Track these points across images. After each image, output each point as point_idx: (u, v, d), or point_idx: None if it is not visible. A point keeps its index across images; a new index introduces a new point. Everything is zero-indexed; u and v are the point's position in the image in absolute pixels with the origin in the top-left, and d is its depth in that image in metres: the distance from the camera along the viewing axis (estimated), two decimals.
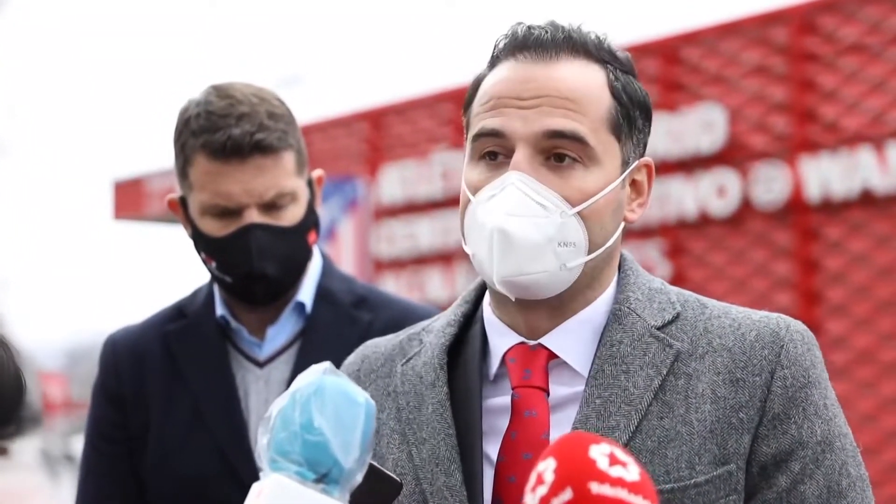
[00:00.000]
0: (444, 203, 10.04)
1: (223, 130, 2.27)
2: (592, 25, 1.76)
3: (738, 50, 8.38)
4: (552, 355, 1.69)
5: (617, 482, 1.29)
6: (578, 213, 1.64)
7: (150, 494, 2.41)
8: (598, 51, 1.71)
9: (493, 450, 1.67)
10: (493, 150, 1.67)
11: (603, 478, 1.29)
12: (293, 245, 2.34)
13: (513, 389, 1.69)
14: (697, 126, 8.45)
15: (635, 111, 1.71)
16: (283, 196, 2.31)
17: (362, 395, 1.50)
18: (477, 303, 1.80)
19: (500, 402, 1.70)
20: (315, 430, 1.45)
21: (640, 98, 1.72)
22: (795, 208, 8.01)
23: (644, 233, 8.66)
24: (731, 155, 8.33)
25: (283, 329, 2.40)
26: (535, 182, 1.63)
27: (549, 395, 1.68)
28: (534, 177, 1.63)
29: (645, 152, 1.75)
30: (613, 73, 1.70)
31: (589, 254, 1.66)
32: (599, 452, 1.31)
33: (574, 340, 1.69)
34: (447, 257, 10.08)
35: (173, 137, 2.37)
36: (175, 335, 2.45)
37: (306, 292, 2.42)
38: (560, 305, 1.69)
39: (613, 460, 1.30)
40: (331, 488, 1.45)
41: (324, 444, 1.45)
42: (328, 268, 2.48)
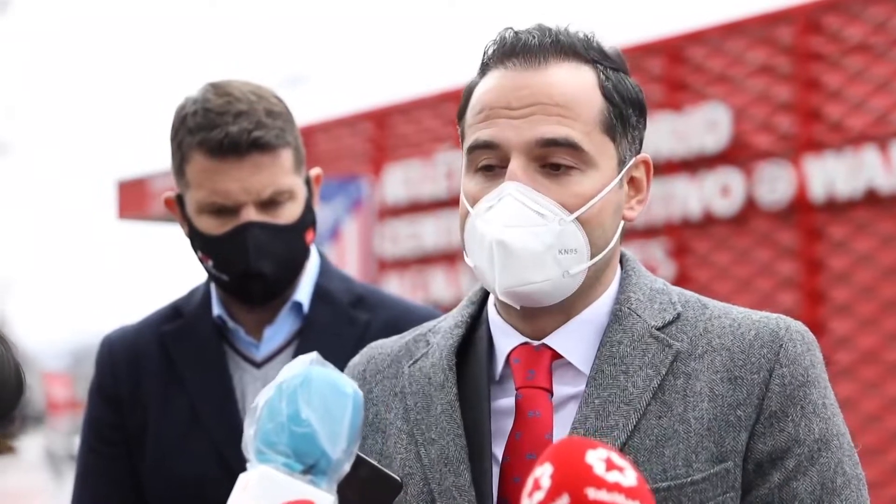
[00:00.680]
0: (448, 203, 10.03)
1: (220, 128, 2.26)
2: (594, 25, 1.75)
3: (743, 49, 8.36)
4: (556, 355, 1.70)
5: (613, 487, 1.29)
6: (577, 218, 1.64)
7: (147, 496, 2.40)
8: (587, 51, 1.69)
9: (498, 450, 1.67)
10: (489, 162, 1.67)
11: (599, 483, 1.29)
12: (291, 243, 2.33)
13: (517, 390, 1.69)
14: (702, 125, 8.44)
15: (628, 109, 1.70)
16: (280, 194, 2.30)
17: (350, 385, 1.49)
18: (482, 304, 1.81)
19: (505, 403, 1.70)
20: (302, 421, 1.44)
21: (632, 95, 1.71)
22: (800, 208, 8.00)
23: (648, 232, 8.65)
24: (736, 154, 8.32)
25: (280, 329, 2.39)
26: (531, 191, 1.63)
27: (552, 396, 1.68)
28: (530, 185, 1.63)
29: (641, 148, 1.74)
30: (604, 73, 1.69)
31: (592, 258, 1.66)
32: (596, 457, 1.31)
33: (577, 340, 1.70)
34: (451, 257, 10.07)
35: (170, 135, 2.36)
36: (171, 335, 2.44)
37: (304, 292, 2.41)
38: (564, 308, 1.69)
39: (610, 465, 1.30)
40: (318, 479, 1.44)
41: (311, 435, 1.44)
42: (326, 267, 2.47)
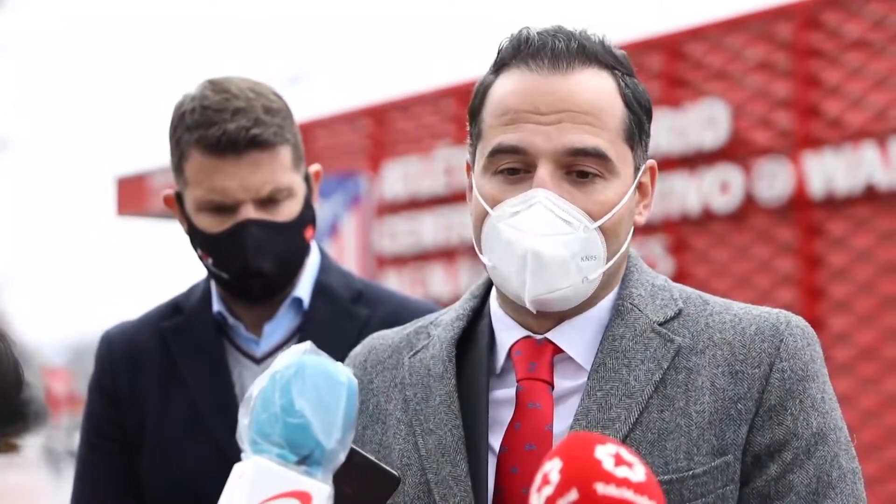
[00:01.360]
0: (447, 199, 10.03)
1: (218, 125, 2.25)
2: (596, 21, 1.74)
3: (742, 46, 8.37)
4: (557, 350, 1.71)
5: (623, 483, 1.29)
6: (599, 226, 1.65)
7: (146, 492, 2.39)
8: (606, 56, 1.69)
9: (497, 441, 1.68)
10: (513, 165, 1.66)
11: (608, 478, 1.29)
12: (290, 241, 2.32)
13: (518, 382, 1.70)
14: (701, 122, 8.44)
15: (643, 115, 1.71)
16: (279, 191, 2.29)
17: (344, 374, 1.49)
18: (485, 297, 1.82)
19: (505, 394, 1.71)
20: (296, 412, 1.44)
21: (645, 101, 1.72)
22: (799, 204, 8.00)
23: (647, 229, 8.66)
24: (735, 151, 8.33)
25: (280, 325, 2.38)
26: (559, 199, 1.63)
27: (553, 389, 1.69)
28: (557, 193, 1.64)
29: (647, 154, 1.75)
30: (622, 80, 1.69)
31: (606, 263, 1.67)
32: (605, 453, 1.31)
33: (579, 335, 1.71)
34: (450, 253, 10.07)
35: (169, 132, 2.35)
36: (171, 332, 2.43)
37: (304, 288, 2.41)
38: (571, 308, 1.71)
39: (619, 461, 1.31)
40: (314, 470, 1.44)
41: (305, 426, 1.44)
42: (325, 263, 2.47)
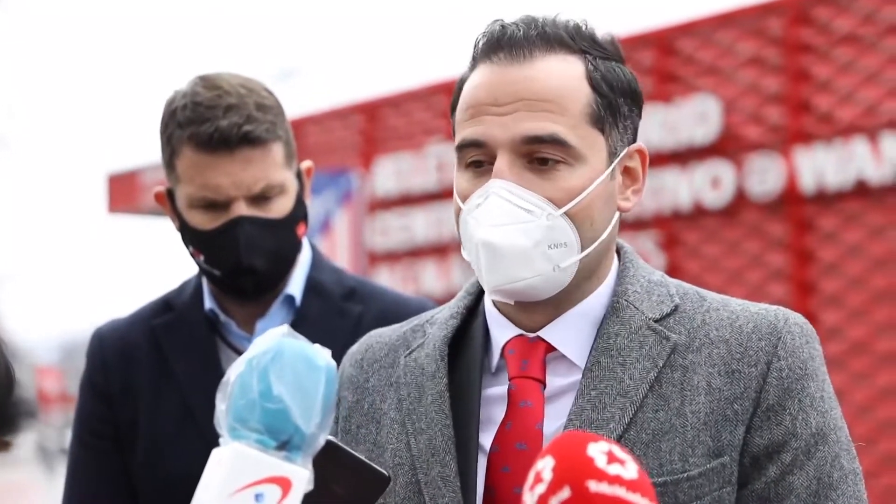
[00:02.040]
0: (438, 195, 10.03)
1: (210, 122, 2.24)
2: (588, 17, 1.73)
3: (733, 41, 8.37)
4: (551, 347, 1.69)
5: (615, 480, 1.28)
6: (566, 213, 1.63)
7: (138, 489, 2.38)
8: (577, 40, 1.67)
9: (488, 440, 1.67)
10: (477, 159, 1.66)
11: (601, 476, 1.28)
12: (282, 238, 2.32)
13: (510, 380, 1.69)
14: (692, 117, 8.45)
15: (619, 99, 1.68)
16: (271, 188, 2.28)
17: (323, 357, 1.48)
18: (479, 295, 1.80)
19: (497, 393, 1.70)
20: (274, 397, 1.43)
21: (623, 84, 1.69)
22: (790, 199, 8.02)
23: (638, 224, 8.66)
24: (726, 146, 8.33)
25: (272, 322, 2.37)
26: (517, 188, 1.62)
27: (545, 387, 1.68)
28: (517, 182, 1.62)
29: (636, 137, 1.73)
30: (593, 63, 1.67)
31: (582, 251, 1.65)
32: (597, 450, 1.30)
33: (572, 333, 1.69)
34: (442, 249, 10.07)
35: (160, 129, 2.34)
36: (163, 329, 2.42)
37: (296, 285, 2.40)
38: (558, 300, 1.69)
39: (611, 458, 1.30)
40: (293, 455, 1.43)
41: (283, 411, 1.43)
42: (318, 260, 2.46)
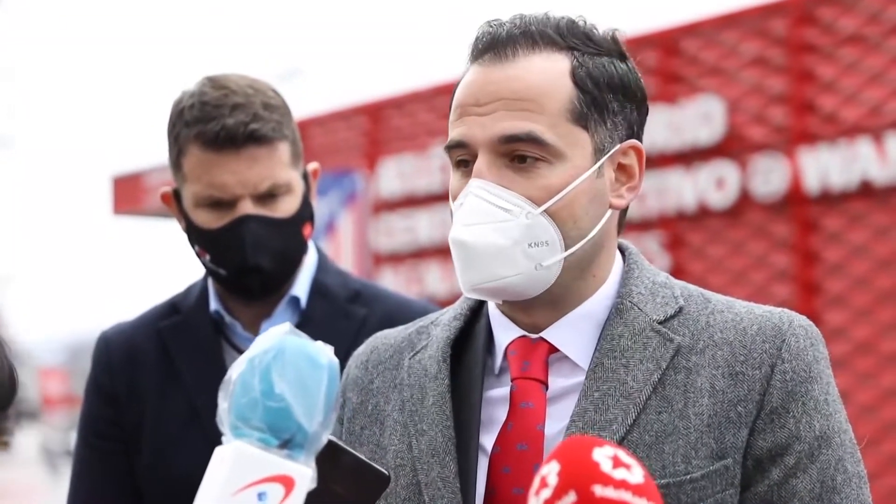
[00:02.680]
0: (442, 196, 10.02)
1: (217, 120, 2.25)
2: (592, 18, 1.72)
3: (737, 41, 8.36)
4: (553, 349, 1.69)
5: (620, 485, 1.28)
6: (546, 211, 1.62)
7: (144, 492, 2.39)
8: (565, 37, 1.67)
9: (490, 441, 1.67)
10: (464, 159, 1.68)
11: (606, 480, 1.28)
12: (288, 237, 2.32)
13: (512, 381, 1.68)
14: (696, 118, 8.44)
15: (606, 95, 1.66)
16: (277, 187, 2.29)
17: (325, 355, 1.47)
18: None
19: (499, 394, 1.69)
20: (276, 395, 1.42)
21: (612, 79, 1.67)
22: (794, 200, 8.01)
23: (643, 225, 8.66)
24: (730, 147, 8.32)
25: (277, 323, 2.36)
26: (495, 187, 1.62)
27: (547, 388, 1.67)
28: (496, 181, 1.62)
29: (633, 134, 1.70)
30: (579, 59, 1.66)
31: (567, 249, 1.64)
32: (603, 455, 1.30)
33: (575, 334, 1.69)
34: (446, 251, 10.03)
35: (167, 129, 2.35)
36: (169, 331, 2.42)
37: (301, 287, 2.40)
38: (555, 300, 1.68)
39: (617, 463, 1.30)
40: (295, 453, 1.42)
41: (286, 409, 1.42)
42: (323, 262, 2.46)
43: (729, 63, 8.39)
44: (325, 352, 1.48)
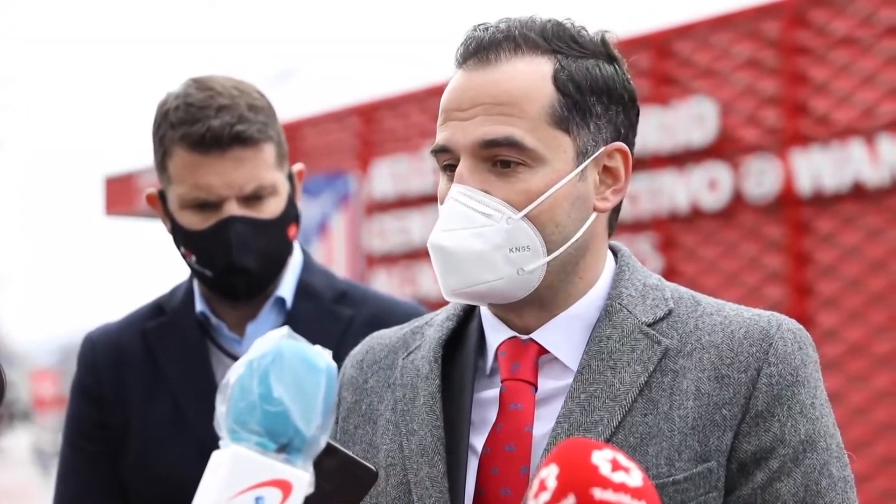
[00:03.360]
0: (436, 198, 9.99)
1: (202, 122, 2.25)
2: (584, 19, 1.72)
3: (730, 43, 8.37)
4: (543, 350, 1.69)
5: (619, 488, 1.28)
6: (527, 215, 1.62)
7: (129, 493, 2.39)
8: (549, 40, 1.66)
9: (480, 441, 1.67)
10: (449, 163, 1.68)
11: (605, 483, 1.28)
12: (273, 238, 2.32)
13: (501, 382, 1.68)
14: (689, 120, 8.45)
15: (589, 98, 1.65)
16: (263, 188, 2.29)
17: (323, 359, 1.47)
18: None
19: (490, 395, 1.70)
20: (274, 400, 1.42)
21: (596, 82, 1.66)
22: (787, 202, 8.01)
23: (635, 226, 8.66)
24: (723, 148, 8.33)
25: (263, 325, 2.37)
26: (475, 192, 1.62)
27: (536, 390, 1.67)
28: (478, 186, 1.62)
29: (619, 136, 1.69)
30: (562, 62, 1.65)
31: (549, 253, 1.64)
32: (602, 458, 1.30)
33: (565, 336, 1.69)
34: None
35: (152, 130, 2.35)
36: (154, 332, 2.43)
37: (287, 287, 2.40)
38: (543, 303, 1.68)
39: (616, 466, 1.29)
40: (293, 457, 1.42)
41: (284, 414, 1.42)
42: (308, 263, 2.47)
43: (722, 65, 8.40)
44: (323, 356, 1.48)
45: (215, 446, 2.30)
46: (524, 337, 1.70)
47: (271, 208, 2.31)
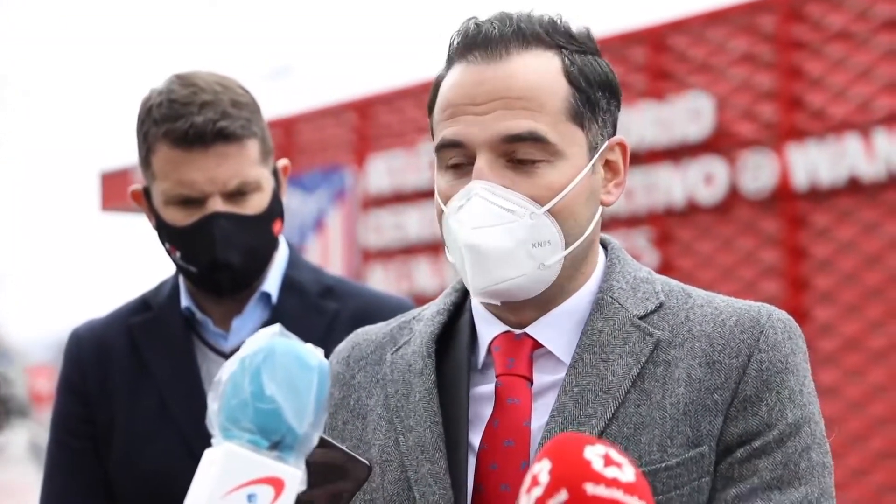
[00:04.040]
0: (431, 193, 9.97)
1: (185, 118, 2.25)
2: (580, 14, 1.73)
3: (726, 38, 8.38)
4: (537, 344, 1.69)
5: (612, 483, 1.28)
6: (549, 210, 1.62)
7: (115, 488, 2.39)
8: (552, 35, 1.67)
9: (477, 437, 1.67)
10: (457, 160, 1.66)
11: (598, 479, 1.28)
12: (258, 234, 2.32)
13: (497, 377, 1.68)
14: (685, 114, 8.46)
15: (597, 93, 1.67)
16: (247, 184, 2.29)
17: (315, 357, 1.47)
18: (467, 291, 1.79)
19: (485, 390, 1.69)
20: (267, 397, 1.42)
21: (600, 77, 1.68)
22: (783, 196, 8.02)
23: (632, 221, 8.67)
24: (719, 143, 8.34)
25: (248, 320, 2.38)
26: (499, 188, 1.61)
27: (532, 384, 1.67)
28: (498, 181, 1.62)
29: (616, 131, 1.72)
30: (569, 58, 1.66)
31: (567, 247, 1.65)
32: (594, 453, 1.30)
33: (558, 330, 1.69)
34: (435, 247, 10.07)
35: (136, 127, 2.35)
36: (140, 328, 2.43)
37: (272, 282, 2.40)
38: (544, 298, 1.68)
39: (608, 461, 1.29)
40: (286, 455, 1.42)
41: (276, 411, 1.42)
42: (294, 258, 2.47)
43: (717, 59, 8.40)
44: (315, 354, 1.48)
45: (201, 442, 2.29)
46: (518, 331, 1.70)
47: (255, 204, 2.31)
